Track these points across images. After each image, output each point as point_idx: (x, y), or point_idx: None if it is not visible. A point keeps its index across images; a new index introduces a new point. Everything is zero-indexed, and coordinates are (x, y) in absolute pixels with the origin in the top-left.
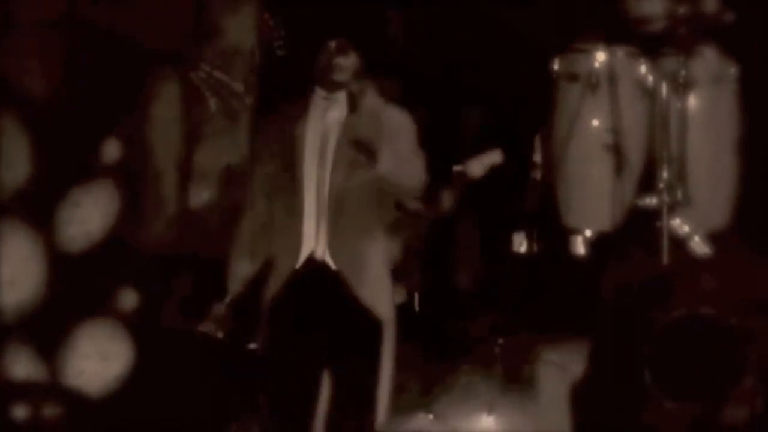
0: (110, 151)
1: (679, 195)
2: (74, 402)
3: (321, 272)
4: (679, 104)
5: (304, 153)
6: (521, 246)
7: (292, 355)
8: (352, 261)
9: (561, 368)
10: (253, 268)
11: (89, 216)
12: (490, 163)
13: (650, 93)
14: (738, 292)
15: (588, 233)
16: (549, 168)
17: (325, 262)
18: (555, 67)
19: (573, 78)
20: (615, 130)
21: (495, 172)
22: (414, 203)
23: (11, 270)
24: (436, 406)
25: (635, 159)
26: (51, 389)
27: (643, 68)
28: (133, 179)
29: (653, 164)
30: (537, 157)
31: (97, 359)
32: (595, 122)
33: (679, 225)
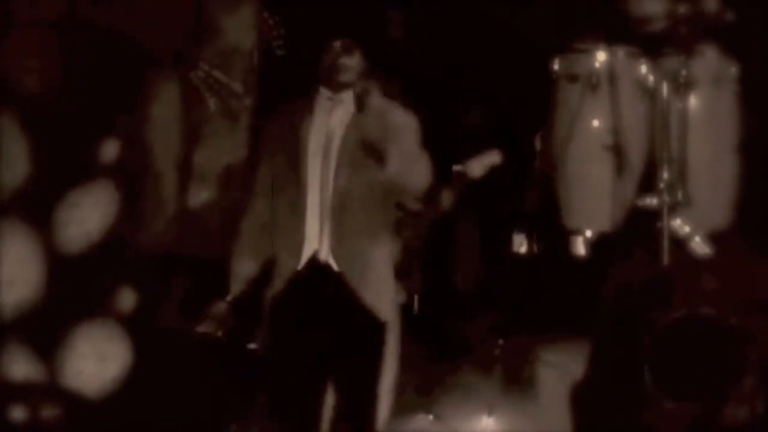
0: (109, 151)
1: (680, 195)
2: (72, 403)
3: (323, 273)
4: (680, 104)
5: (308, 153)
6: (521, 246)
7: (294, 356)
8: (356, 262)
9: (561, 369)
10: (255, 268)
11: (88, 216)
12: (490, 164)
13: (651, 93)
14: (738, 293)
15: (588, 234)
16: (549, 168)
17: (328, 263)
18: (555, 68)
19: (573, 78)
20: (615, 131)
21: (495, 173)
22: (414, 203)
23: (10, 270)
24: (436, 407)
25: (635, 159)
26: (49, 390)
27: (644, 68)
28: (132, 179)
29: (654, 164)
30: (537, 158)
31: (96, 360)
32: (596, 122)
33: (680, 225)
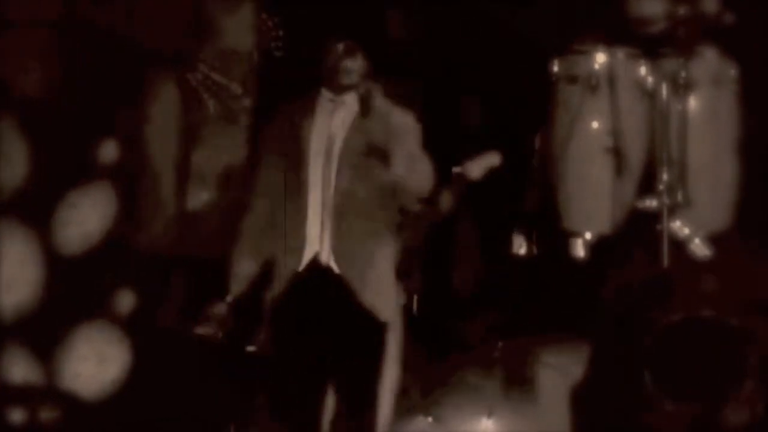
0: (108, 152)
1: (680, 197)
2: (71, 405)
3: (324, 275)
4: (680, 106)
5: (310, 155)
6: (521, 248)
7: (294, 358)
8: (357, 264)
9: (561, 370)
10: (255, 268)
11: (87, 217)
12: (489, 165)
13: (650, 94)
14: (738, 294)
15: (588, 236)
16: (549, 170)
17: (329, 265)
18: (555, 69)
19: (573, 79)
20: (615, 132)
21: (494, 174)
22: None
23: (8, 271)
24: (436, 409)
25: (635, 161)
26: (48, 392)
27: (643, 69)
28: (131, 180)
29: (653, 166)
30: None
31: (95, 362)
32: (595, 124)
33: (680, 227)
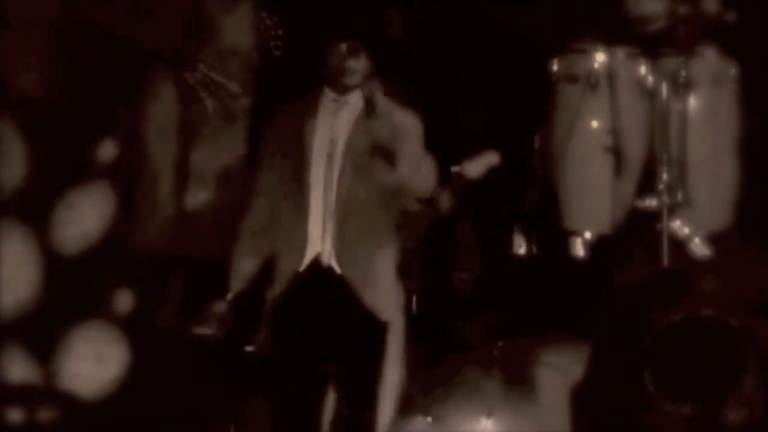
0: (107, 152)
1: (680, 196)
2: (70, 405)
3: (326, 276)
4: (680, 105)
5: (312, 154)
6: (521, 248)
7: (295, 358)
8: (358, 265)
9: (561, 370)
10: (255, 267)
11: (86, 217)
12: (488, 164)
13: (650, 94)
14: (738, 293)
15: (588, 235)
16: (549, 169)
17: (331, 266)
18: (554, 68)
19: (572, 79)
20: (615, 131)
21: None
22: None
23: (7, 271)
24: (435, 409)
25: (635, 160)
26: (46, 392)
27: (643, 69)
28: (130, 180)
29: (653, 165)
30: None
31: (93, 361)
32: (595, 123)
33: (680, 227)
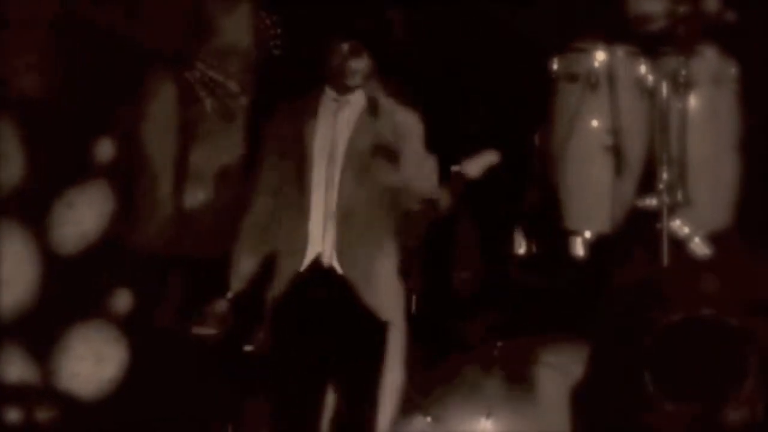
0: (105, 151)
1: (679, 196)
2: (68, 405)
3: (326, 276)
4: (680, 104)
5: (313, 154)
6: (521, 248)
7: (295, 358)
8: (359, 265)
9: (561, 370)
10: (255, 266)
11: (84, 216)
12: (487, 164)
13: (650, 93)
14: (738, 293)
15: (588, 234)
16: (549, 169)
17: (331, 266)
18: (554, 67)
19: (572, 78)
20: (615, 131)
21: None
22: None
23: (5, 271)
24: (435, 409)
25: (635, 159)
26: (45, 392)
27: (643, 68)
28: (128, 179)
29: (653, 165)
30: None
31: (92, 361)
32: (595, 122)
33: (679, 226)
